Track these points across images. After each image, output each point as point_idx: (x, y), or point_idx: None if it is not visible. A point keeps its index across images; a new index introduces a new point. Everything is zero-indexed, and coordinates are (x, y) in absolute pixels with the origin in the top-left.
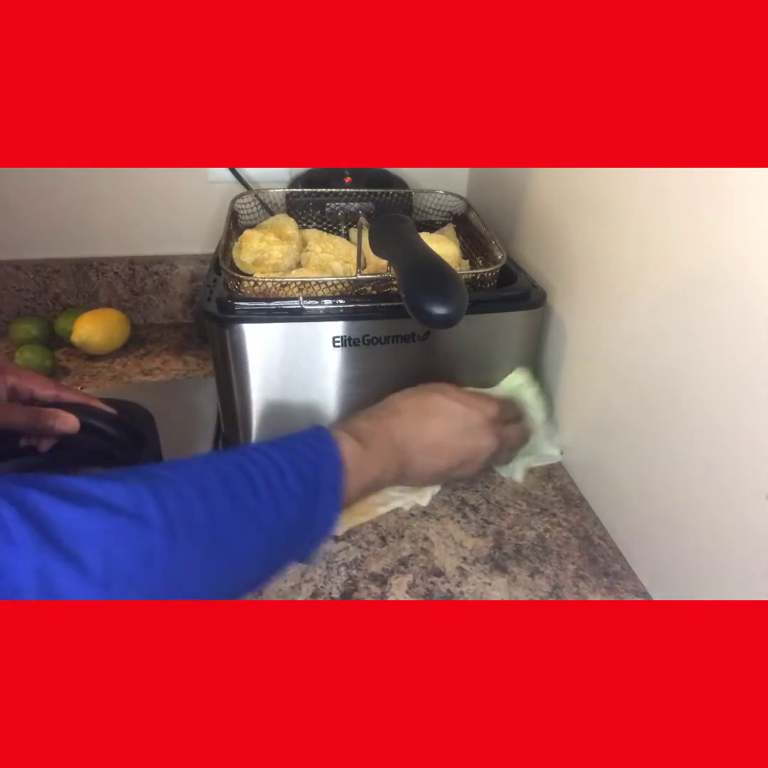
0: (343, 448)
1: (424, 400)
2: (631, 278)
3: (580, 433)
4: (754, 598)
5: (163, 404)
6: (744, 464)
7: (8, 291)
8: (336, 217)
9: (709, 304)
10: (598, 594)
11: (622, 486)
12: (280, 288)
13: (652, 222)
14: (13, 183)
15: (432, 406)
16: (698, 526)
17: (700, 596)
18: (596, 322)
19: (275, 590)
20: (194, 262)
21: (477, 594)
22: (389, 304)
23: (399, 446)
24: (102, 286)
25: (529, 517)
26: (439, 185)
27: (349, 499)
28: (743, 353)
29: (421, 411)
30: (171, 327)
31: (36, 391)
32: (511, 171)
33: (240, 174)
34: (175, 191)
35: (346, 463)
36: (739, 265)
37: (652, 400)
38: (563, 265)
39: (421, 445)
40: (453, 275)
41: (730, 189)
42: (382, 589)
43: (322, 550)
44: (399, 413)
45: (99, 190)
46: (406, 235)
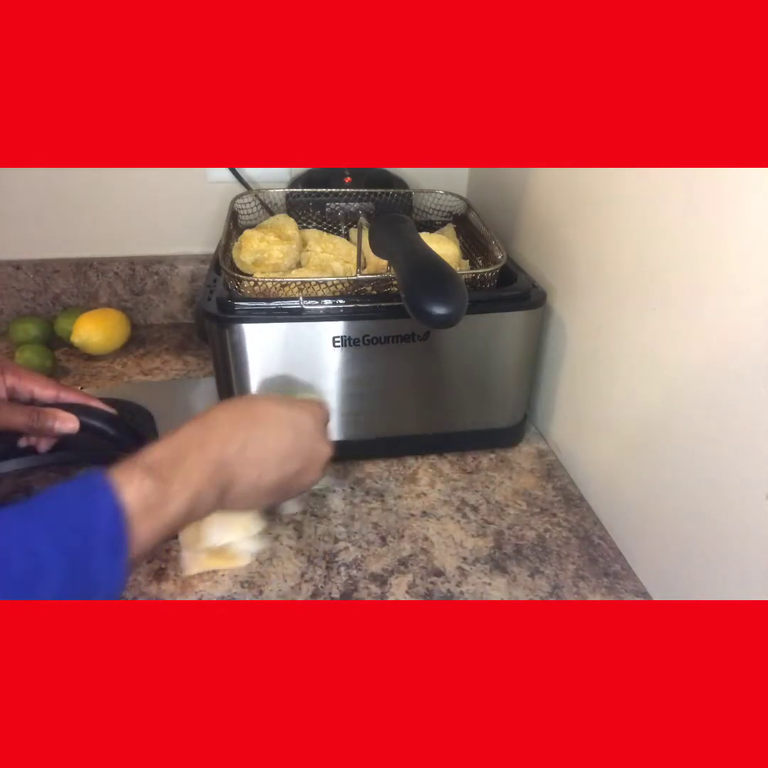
0: (125, 491)
1: (245, 409)
2: (631, 278)
3: (580, 433)
4: (754, 598)
5: (163, 404)
6: (744, 464)
7: (8, 291)
8: (336, 217)
9: (709, 303)
10: (598, 594)
11: (622, 486)
12: (280, 288)
13: (651, 222)
14: (13, 183)
15: (256, 414)
16: (698, 526)
17: (700, 596)
18: (596, 322)
19: (275, 590)
20: (194, 262)
21: (477, 594)
22: (389, 304)
23: (215, 464)
24: (102, 286)
25: (529, 517)
26: (439, 185)
27: (144, 547)
28: (744, 353)
29: (241, 420)
30: (171, 327)
31: (36, 391)
32: (511, 171)
33: (240, 174)
34: (175, 191)
35: (130, 508)
36: (739, 264)
37: (651, 400)
38: (563, 265)
39: (244, 459)
40: (453, 275)
41: (730, 189)
42: (382, 589)
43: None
44: (212, 427)
45: (99, 190)
46: (406, 235)
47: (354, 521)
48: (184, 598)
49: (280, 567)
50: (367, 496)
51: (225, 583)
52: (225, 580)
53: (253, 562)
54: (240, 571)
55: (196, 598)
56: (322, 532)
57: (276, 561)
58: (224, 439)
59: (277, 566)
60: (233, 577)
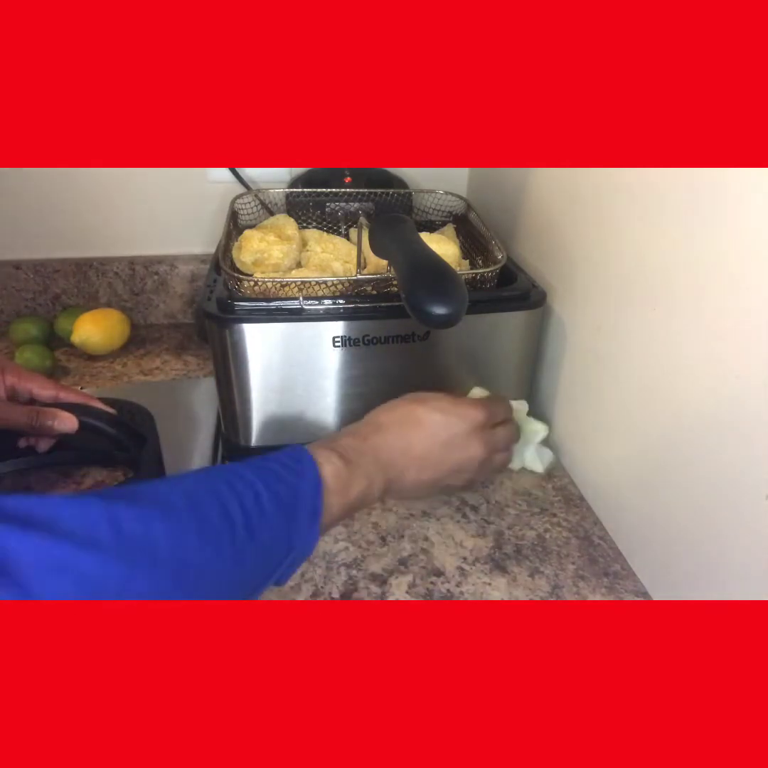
0: (323, 467)
1: (406, 413)
2: (631, 278)
3: (580, 433)
4: (754, 598)
5: (163, 404)
6: (744, 464)
7: (8, 291)
8: (336, 217)
9: (709, 303)
10: (598, 594)
11: (622, 486)
12: (280, 288)
13: (651, 222)
14: (13, 183)
15: (414, 419)
16: (698, 526)
17: (700, 596)
18: (596, 322)
19: (275, 590)
20: (194, 262)
21: (477, 594)
22: (389, 304)
23: (385, 463)
24: (102, 286)
25: (529, 517)
26: (439, 185)
27: (332, 519)
28: (744, 353)
29: (404, 424)
30: (171, 327)
31: (35, 391)
32: (511, 171)
33: (240, 174)
34: (175, 191)
35: (326, 482)
36: (738, 265)
37: (651, 399)
38: (563, 265)
39: (406, 460)
40: (453, 275)
41: (730, 189)
42: (382, 589)
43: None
44: (382, 429)
45: (99, 190)
46: (406, 235)
47: (354, 521)
48: None
49: None
50: None
51: None
52: None
53: None
54: None
55: None
56: None
57: None
58: (392, 442)
59: None
60: None
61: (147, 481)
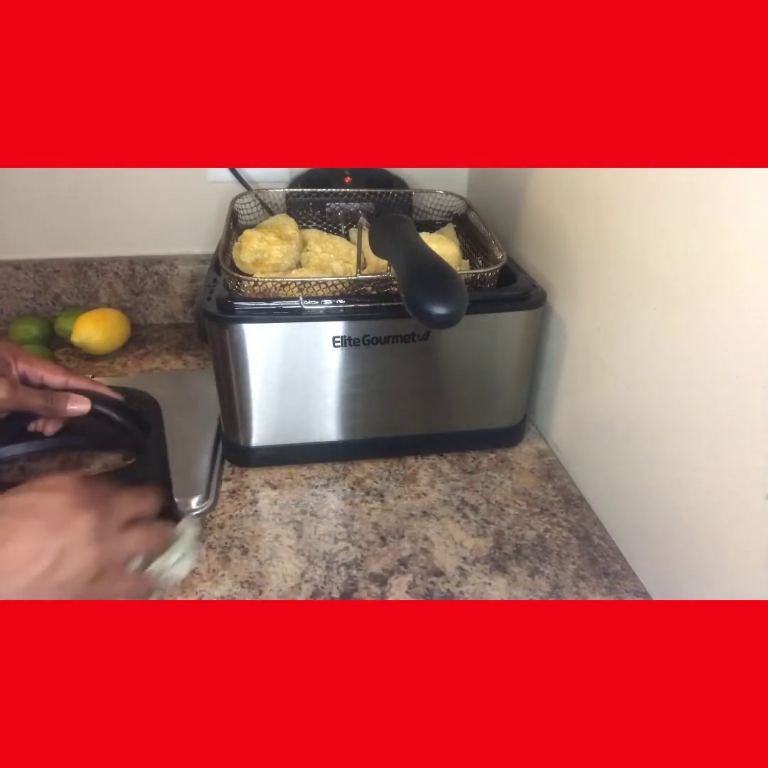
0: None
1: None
2: (632, 278)
3: (580, 433)
4: (754, 598)
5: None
6: (743, 464)
7: (8, 291)
8: (336, 217)
9: (709, 304)
10: (598, 594)
11: (622, 486)
12: (280, 288)
13: (651, 222)
14: (13, 183)
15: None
16: (698, 527)
17: (700, 596)
18: (596, 322)
19: (275, 590)
20: (194, 262)
21: (477, 594)
22: (389, 304)
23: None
24: (102, 286)
25: (529, 517)
26: (439, 185)
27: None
28: (743, 353)
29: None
30: (171, 327)
31: (47, 378)
32: (511, 171)
33: (240, 174)
34: (175, 191)
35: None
36: (738, 265)
37: (651, 399)
38: (563, 265)
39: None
40: (453, 275)
41: (730, 189)
42: (382, 589)
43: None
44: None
45: (99, 190)
46: (406, 235)
47: (354, 521)
48: (184, 597)
49: (280, 567)
50: (367, 496)
51: (225, 583)
52: (225, 580)
53: (254, 561)
54: (240, 571)
55: (196, 598)
56: (322, 532)
57: (276, 561)
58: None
59: (277, 566)
60: (233, 577)
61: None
